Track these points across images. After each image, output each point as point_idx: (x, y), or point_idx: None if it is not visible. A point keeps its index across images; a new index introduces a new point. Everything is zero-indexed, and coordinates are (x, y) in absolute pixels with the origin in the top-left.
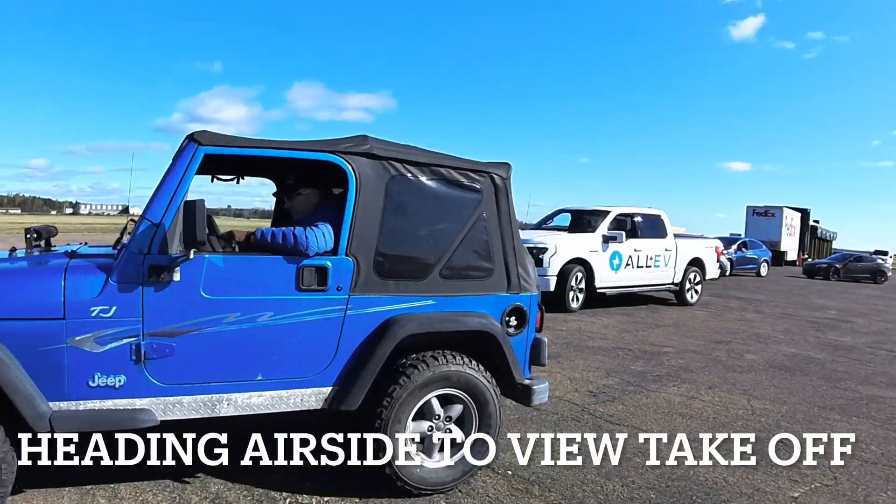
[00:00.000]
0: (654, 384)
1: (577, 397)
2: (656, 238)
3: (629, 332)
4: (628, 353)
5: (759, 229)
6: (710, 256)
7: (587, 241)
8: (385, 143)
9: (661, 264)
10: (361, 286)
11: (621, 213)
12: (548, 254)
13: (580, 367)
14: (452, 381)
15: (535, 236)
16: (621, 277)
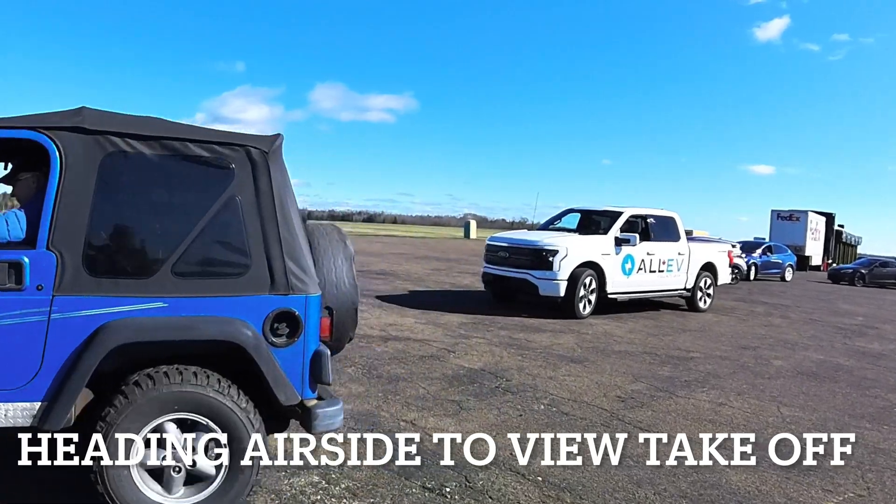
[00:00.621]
0: (682, 390)
1: (606, 402)
2: (669, 241)
3: (655, 336)
4: (655, 358)
5: (784, 233)
6: (723, 261)
7: (599, 243)
8: (105, 114)
9: (674, 269)
10: (68, 285)
11: (634, 214)
12: (558, 257)
13: (607, 371)
14: (189, 405)
15: (545, 238)
16: (633, 283)
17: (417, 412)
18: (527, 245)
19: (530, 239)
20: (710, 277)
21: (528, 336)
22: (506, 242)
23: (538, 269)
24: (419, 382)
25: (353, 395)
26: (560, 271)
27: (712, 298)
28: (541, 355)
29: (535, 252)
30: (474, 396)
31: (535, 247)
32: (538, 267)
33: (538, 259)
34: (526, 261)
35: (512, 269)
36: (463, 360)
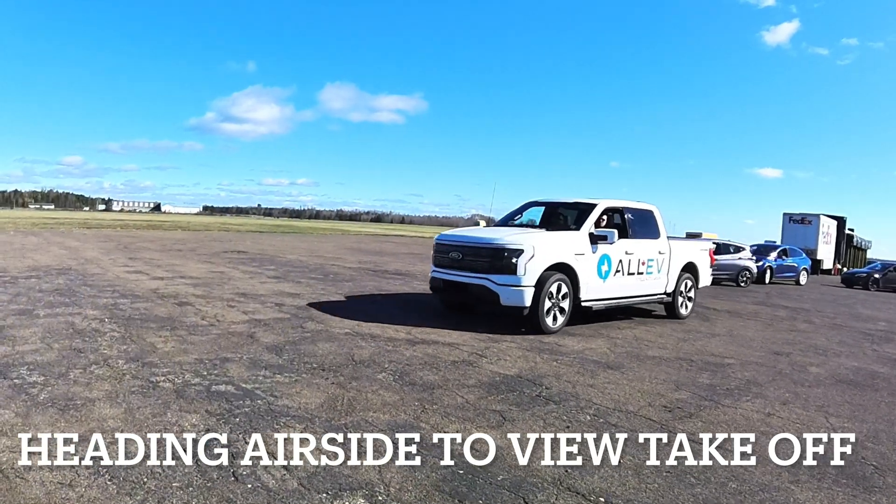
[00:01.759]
0: (726, 398)
1: (652, 412)
2: (649, 238)
3: (686, 341)
4: (692, 365)
5: (796, 237)
6: (705, 261)
7: (572, 241)
8: None
9: (654, 270)
10: None
11: (610, 206)
12: (523, 257)
13: (646, 378)
14: None
15: (506, 235)
16: (611, 287)
17: (459, 423)
18: (485, 244)
19: (489, 236)
20: (692, 280)
21: (559, 340)
22: (459, 241)
23: (499, 273)
24: (456, 390)
25: (387, 403)
26: (525, 275)
27: (693, 303)
28: (575, 361)
29: (495, 252)
30: (516, 406)
31: (494, 245)
32: (499, 270)
33: (499, 260)
34: (484, 263)
35: (467, 273)
36: (496, 365)
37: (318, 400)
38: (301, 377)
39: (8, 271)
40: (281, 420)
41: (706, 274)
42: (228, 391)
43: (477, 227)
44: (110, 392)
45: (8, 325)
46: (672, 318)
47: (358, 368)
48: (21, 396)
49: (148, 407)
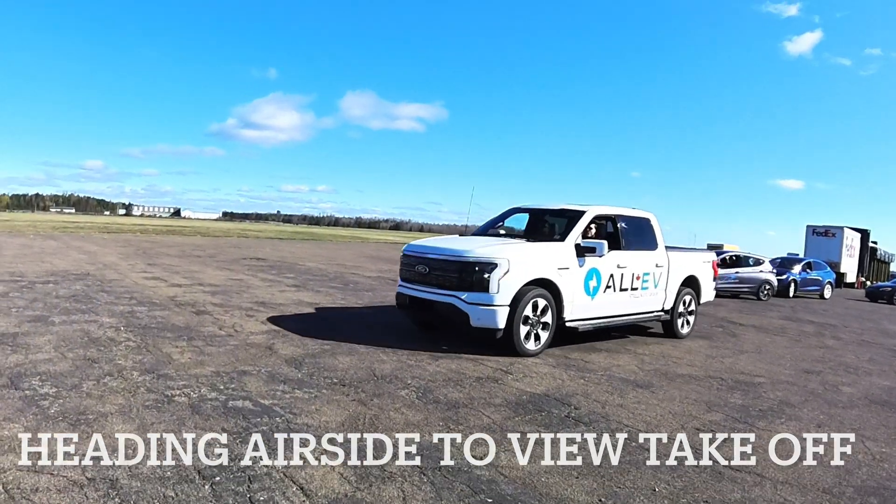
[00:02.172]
0: (760, 421)
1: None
2: (645, 250)
3: (714, 358)
4: (722, 384)
5: (819, 249)
6: (707, 274)
7: (555, 253)
8: None
9: (651, 285)
10: None
11: (600, 214)
12: (496, 272)
13: (677, 398)
14: None
15: (478, 246)
16: (600, 305)
17: (486, 446)
18: (453, 256)
19: (458, 248)
20: (693, 295)
21: (584, 356)
22: (426, 252)
23: (468, 290)
24: (481, 409)
25: (410, 423)
26: (499, 293)
27: (694, 321)
28: (603, 378)
29: (465, 266)
30: (545, 427)
31: (464, 259)
32: (468, 287)
33: (468, 276)
34: (452, 278)
35: (434, 289)
36: (522, 383)
37: (338, 418)
38: (321, 393)
39: (25, 276)
40: (300, 438)
41: (709, 288)
42: (246, 407)
43: (450, 237)
44: (123, 406)
45: (22, 333)
46: (670, 338)
47: (380, 384)
48: (32, 409)
49: (162, 423)
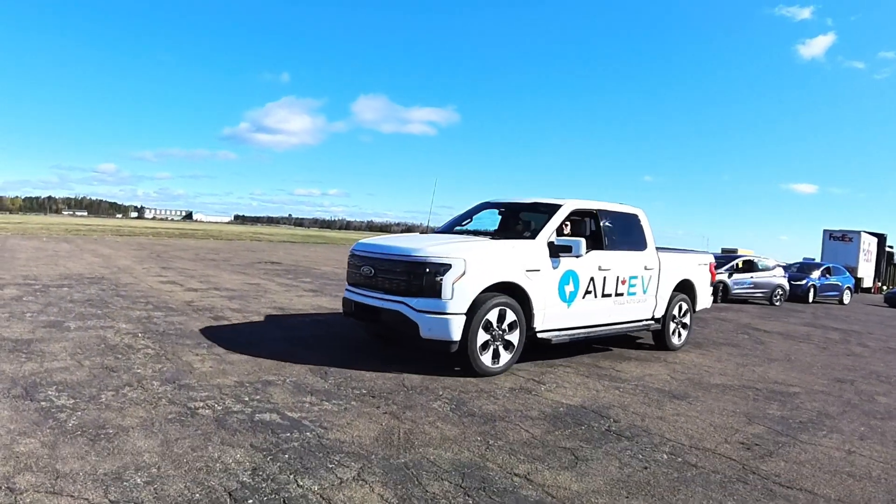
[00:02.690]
0: (802, 433)
1: (731, 450)
2: (632, 250)
3: (745, 366)
4: (758, 394)
5: (836, 254)
6: (703, 278)
7: (523, 253)
8: None
9: (639, 290)
10: None
11: (579, 209)
12: (450, 275)
13: (716, 410)
14: None
15: (430, 245)
16: (578, 314)
17: (529, 463)
18: (400, 256)
19: (407, 246)
20: (687, 302)
21: (615, 364)
22: (372, 252)
23: (418, 296)
24: (519, 423)
25: (447, 438)
26: (453, 299)
27: (689, 331)
28: (638, 389)
29: (413, 267)
30: (586, 442)
31: (412, 258)
32: (418, 292)
33: (418, 279)
34: (399, 282)
35: (380, 294)
36: (557, 394)
37: (371, 433)
38: (350, 405)
39: (39, 279)
40: (334, 458)
41: (705, 294)
42: (274, 421)
43: (405, 235)
44: (145, 420)
45: (37, 339)
46: (662, 350)
47: (410, 395)
48: (49, 422)
49: (187, 439)
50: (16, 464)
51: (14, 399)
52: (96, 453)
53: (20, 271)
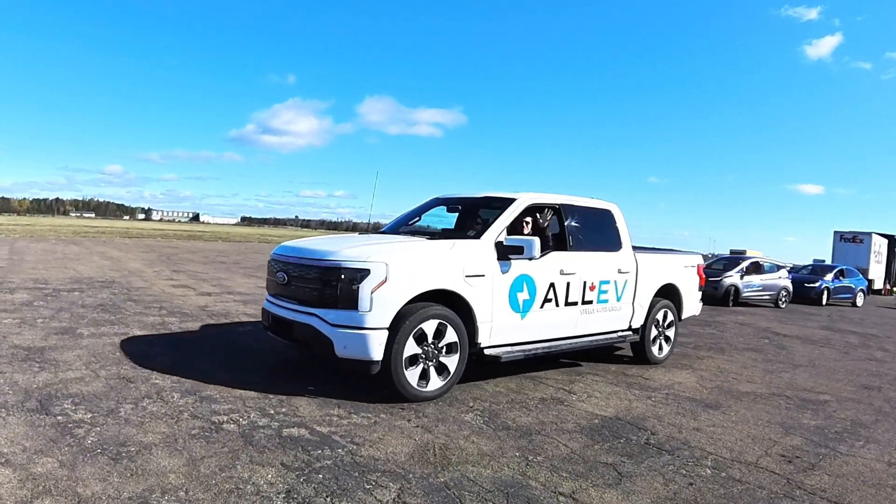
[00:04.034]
0: (840, 444)
1: (772, 464)
2: (602, 250)
3: (772, 373)
4: (789, 402)
5: (847, 256)
6: (690, 282)
7: (463, 255)
8: None
9: (611, 297)
10: None
11: (538, 203)
12: (368, 283)
13: (750, 420)
14: None
15: (349, 246)
16: (534, 325)
17: (573, 481)
18: (313, 260)
19: (322, 248)
20: (671, 309)
21: (642, 372)
22: (288, 255)
23: (331, 307)
24: (556, 437)
25: (484, 454)
26: (373, 311)
27: (674, 341)
28: (669, 398)
29: (326, 273)
30: (627, 457)
31: (325, 263)
32: (331, 302)
33: (331, 287)
34: (311, 290)
35: (293, 304)
36: (589, 404)
37: (406, 449)
38: (380, 418)
39: (50, 283)
40: (370, 477)
41: (692, 300)
42: (303, 436)
43: (334, 236)
44: (167, 436)
45: (50, 347)
46: (642, 363)
47: (440, 407)
48: (66, 439)
49: (213, 457)
50: (34, 486)
51: (29, 413)
52: (119, 474)
53: (30, 275)
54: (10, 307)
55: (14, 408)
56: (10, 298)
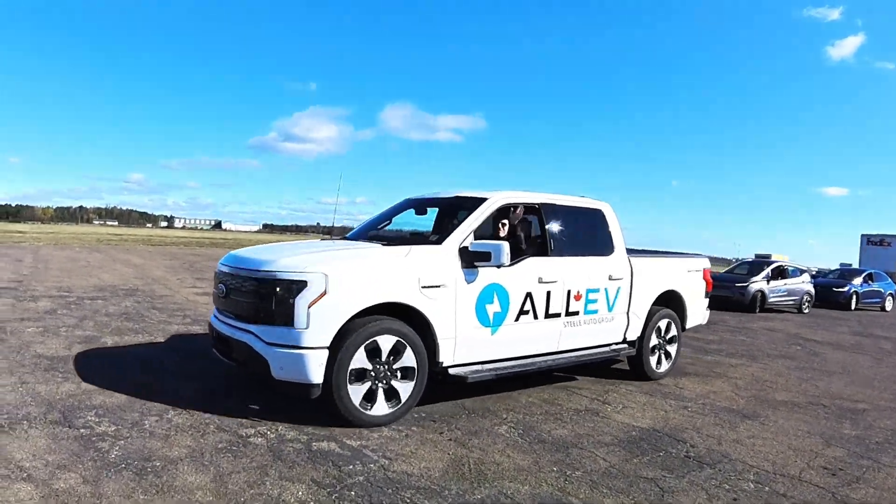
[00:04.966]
0: (883, 456)
1: (816, 477)
2: (591, 255)
3: (807, 381)
4: (828, 412)
5: (875, 259)
6: (695, 288)
7: (418, 263)
8: None
9: (601, 307)
10: None
11: (511, 203)
12: (305, 295)
13: (790, 430)
14: None
15: (286, 255)
16: (508, 341)
17: (613, 497)
18: (249, 270)
19: (259, 257)
20: (673, 318)
21: (676, 381)
22: (228, 266)
23: (266, 323)
24: (594, 450)
25: (521, 469)
26: (310, 328)
27: (677, 354)
28: (706, 408)
29: (259, 285)
30: (668, 471)
31: (259, 273)
32: (267, 318)
33: (266, 300)
34: (247, 303)
35: (232, 319)
36: (624, 415)
37: (440, 464)
38: (411, 430)
39: (73, 291)
40: (405, 494)
41: (698, 308)
42: (333, 450)
43: (286, 243)
44: (193, 449)
45: (73, 356)
46: (640, 379)
47: (472, 419)
48: (90, 453)
49: (241, 472)
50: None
51: (51, 425)
52: (144, 491)
53: (53, 283)
54: (33, 315)
55: (36, 420)
56: (34, 307)
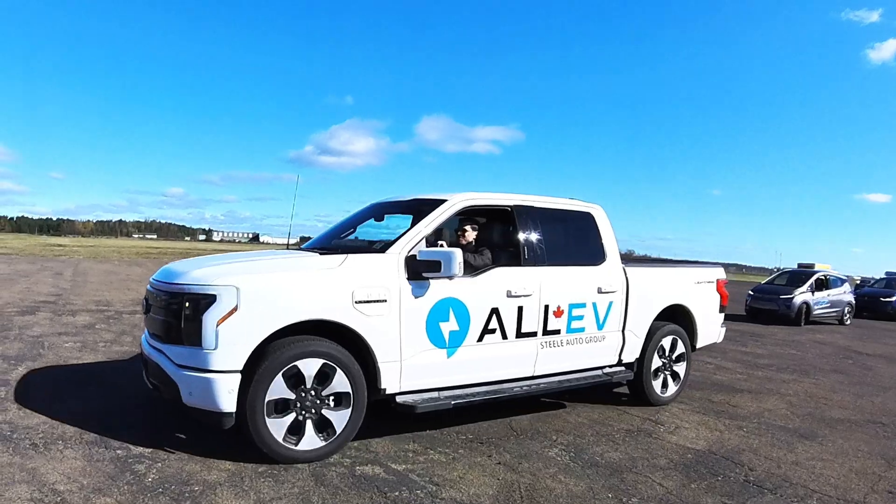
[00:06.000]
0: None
1: (881, 501)
2: (577, 264)
3: (862, 397)
4: (886, 430)
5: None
6: (707, 301)
7: (353, 274)
8: None
9: (589, 324)
10: None
11: (475, 205)
12: (213, 312)
13: (849, 451)
14: None
15: (201, 267)
16: (469, 363)
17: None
18: (162, 284)
19: (176, 269)
20: (681, 336)
21: (729, 398)
22: (152, 280)
23: (175, 342)
24: (649, 474)
25: (574, 495)
26: (218, 349)
27: (686, 376)
28: (762, 428)
29: (169, 300)
30: (728, 497)
31: (170, 287)
32: (175, 337)
33: (174, 317)
34: (160, 322)
35: (152, 339)
36: (678, 436)
37: (490, 490)
38: (458, 454)
39: (112, 305)
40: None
41: (711, 324)
42: (378, 475)
43: (221, 255)
44: (233, 473)
45: (110, 371)
46: (642, 405)
47: (522, 441)
48: (126, 475)
49: (283, 499)
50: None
51: (87, 446)
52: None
53: (92, 296)
54: (71, 330)
55: (72, 440)
56: (72, 321)
